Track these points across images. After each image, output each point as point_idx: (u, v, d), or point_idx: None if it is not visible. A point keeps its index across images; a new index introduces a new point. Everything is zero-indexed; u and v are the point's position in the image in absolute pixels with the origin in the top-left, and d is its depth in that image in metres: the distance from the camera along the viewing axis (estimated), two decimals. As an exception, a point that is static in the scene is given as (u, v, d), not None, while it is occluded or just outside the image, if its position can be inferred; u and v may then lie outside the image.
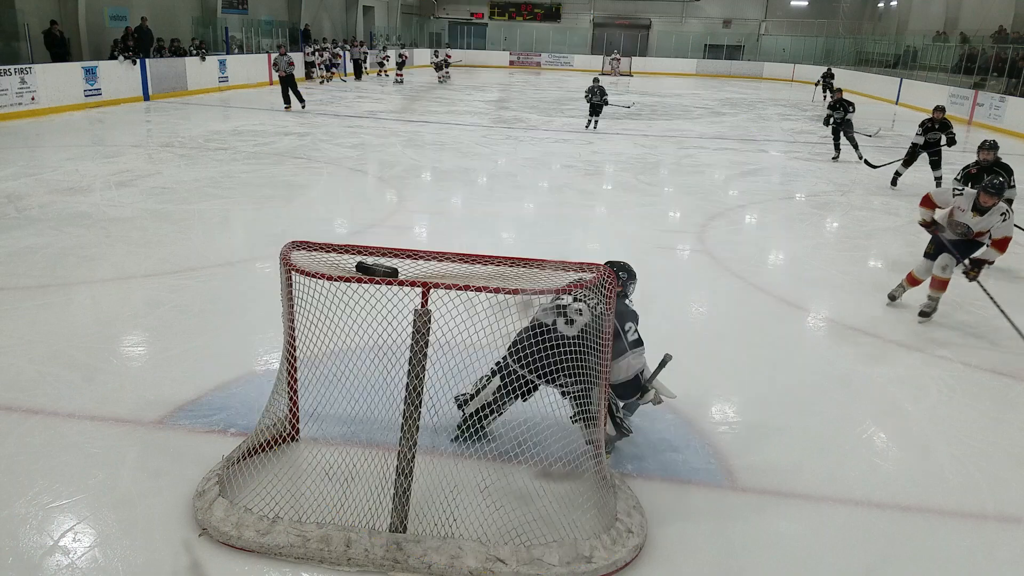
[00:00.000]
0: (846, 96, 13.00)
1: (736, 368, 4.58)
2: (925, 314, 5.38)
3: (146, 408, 3.73)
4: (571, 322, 3.19)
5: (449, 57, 28.65)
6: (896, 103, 24.13)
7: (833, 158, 12.74)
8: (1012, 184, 7.25)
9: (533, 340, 3.13)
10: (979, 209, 5.14)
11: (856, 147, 12.43)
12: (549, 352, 3.05)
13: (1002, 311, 5.17)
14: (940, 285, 5.38)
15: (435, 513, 2.91)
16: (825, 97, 23.25)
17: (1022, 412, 4.22)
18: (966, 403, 4.27)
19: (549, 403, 3.20)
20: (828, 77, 23.92)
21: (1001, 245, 5.24)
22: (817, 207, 9.40)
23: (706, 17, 38.93)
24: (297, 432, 3.45)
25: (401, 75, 26.83)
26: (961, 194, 5.31)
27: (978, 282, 5.32)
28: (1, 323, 4.76)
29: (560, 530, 2.85)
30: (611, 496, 3.02)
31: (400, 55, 27.58)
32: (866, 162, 11.29)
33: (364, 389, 3.08)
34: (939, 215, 5.42)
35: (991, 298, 5.28)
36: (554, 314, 3.23)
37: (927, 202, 5.36)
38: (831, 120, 12.74)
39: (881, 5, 35.90)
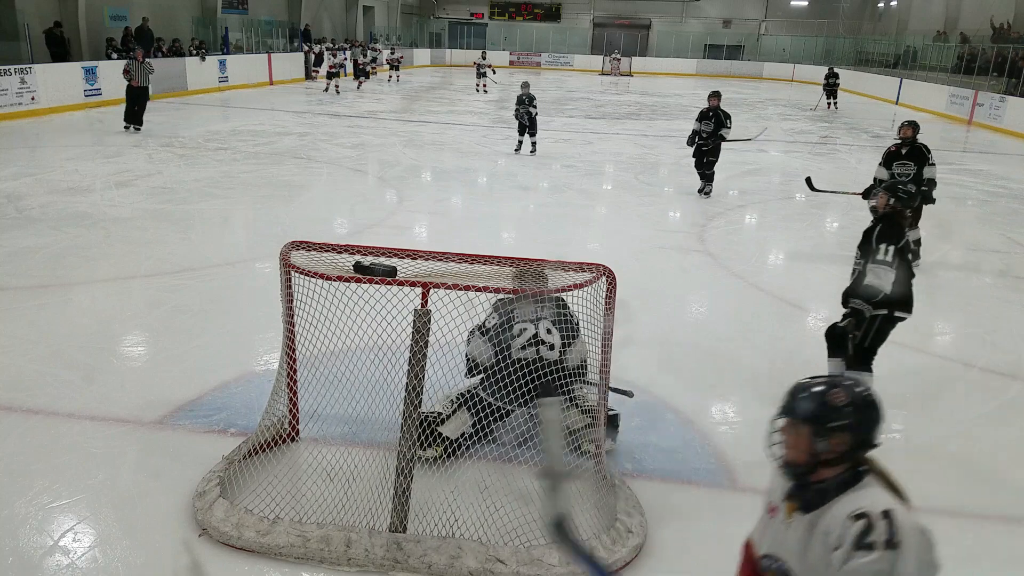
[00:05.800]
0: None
1: (736, 368, 4.57)
2: None
3: (146, 408, 3.73)
4: (551, 346, 3.25)
5: (483, 60, 24.28)
6: (896, 103, 24.11)
7: (700, 190, 9.36)
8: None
9: (514, 374, 3.13)
10: None
11: (710, 179, 9.16)
12: (533, 382, 3.09)
13: None
14: None
15: (435, 513, 2.91)
16: (831, 105, 21.41)
17: (1022, 412, 4.22)
18: (966, 402, 4.27)
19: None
20: (831, 77, 21.59)
21: None
22: (817, 207, 9.39)
23: (706, 17, 38.91)
24: (297, 432, 3.45)
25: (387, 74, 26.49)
26: None
27: None
28: (1, 323, 4.76)
29: (560, 530, 2.84)
30: (611, 496, 3.02)
31: (372, 51, 25.90)
32: (807, 181, 7.30)
33: (364, 389, 3.08)
34: None
35: None
36: (532, 347, 3.26)
37: None
38: (698, 137, 9.03)
39: (881, 5, 35.88)
